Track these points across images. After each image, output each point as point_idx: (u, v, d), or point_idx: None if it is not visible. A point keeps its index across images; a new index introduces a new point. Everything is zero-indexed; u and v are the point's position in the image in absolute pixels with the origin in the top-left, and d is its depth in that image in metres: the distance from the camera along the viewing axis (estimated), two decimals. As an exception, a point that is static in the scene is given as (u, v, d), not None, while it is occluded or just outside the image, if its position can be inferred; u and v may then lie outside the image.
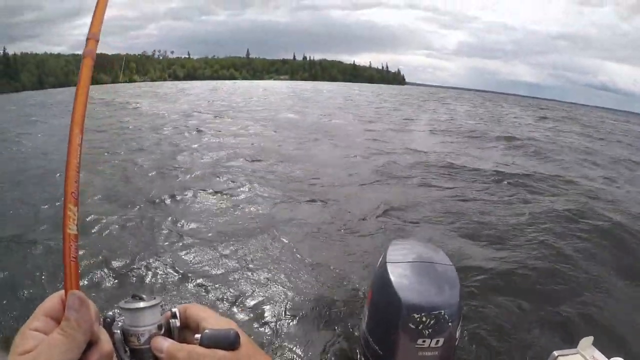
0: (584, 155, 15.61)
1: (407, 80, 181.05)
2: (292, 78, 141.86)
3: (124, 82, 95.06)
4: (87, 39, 0.78)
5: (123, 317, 0.72)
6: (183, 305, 0.77)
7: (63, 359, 0.54)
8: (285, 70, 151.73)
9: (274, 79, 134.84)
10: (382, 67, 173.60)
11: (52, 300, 0.61)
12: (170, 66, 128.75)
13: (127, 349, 0.71)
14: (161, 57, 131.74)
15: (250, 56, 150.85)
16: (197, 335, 0.68)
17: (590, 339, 2.15)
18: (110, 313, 0.71)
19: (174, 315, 0.75)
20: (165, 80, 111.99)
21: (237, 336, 0.67)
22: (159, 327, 0.72)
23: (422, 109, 33.96)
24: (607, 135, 25.33)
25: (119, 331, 0.70)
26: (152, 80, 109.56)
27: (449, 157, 12.90)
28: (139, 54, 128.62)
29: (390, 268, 2.05)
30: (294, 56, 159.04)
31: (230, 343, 0.67)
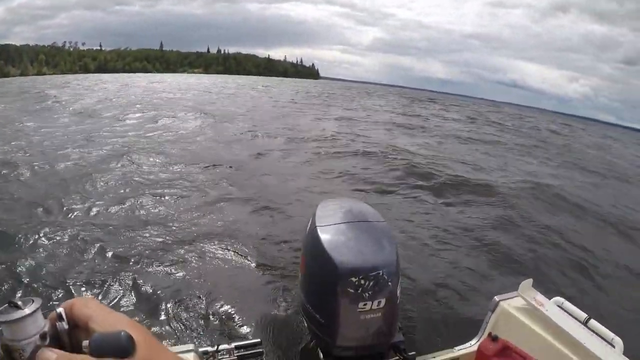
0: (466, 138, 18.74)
1: (322, 75, 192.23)
2: (206, 72, 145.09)
3: (33, 75, 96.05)
4: None
5: (1, 330, 0.63)
6: (68, 302, 0.68)
7: None
8: (199, 63, 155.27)
9: (188, 72, 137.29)
10: (297, 62, 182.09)
11: None
12: (81, 58, 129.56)
13: None
14: (72, 49, 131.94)
15: (164, 49, 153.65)
16: (85, 342, 0.59)
17: (530, 281, 2.17)
18: None
19: (59, 317, 0.66)
20: (76, 72, 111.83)
21: (129, 339, 0.58)
22: (43, 337, 0.64)
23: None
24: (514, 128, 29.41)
25: None
26: (62, 72, 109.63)
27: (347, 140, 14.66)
28: (48, 45, 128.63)
29: (320, 231, 1.94)
30: (208, 49, 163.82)
31: (122, 349, 0.58)
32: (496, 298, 2.29)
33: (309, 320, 2.08)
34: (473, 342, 2.34)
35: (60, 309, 0.67)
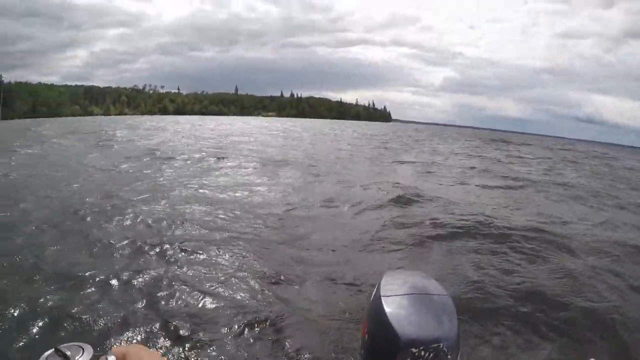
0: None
1: (393, 117, 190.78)
2: (279, 115, 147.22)
3: (114, 115, 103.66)
4: None
5: None
6: (121, 349, 0.68)
7: None
8: (273, 106, 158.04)
9: (262, 116, 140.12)
10: (369, 104, 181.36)
11: None
12: (160, 100, 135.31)
13: None
14: (151, 91, 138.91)
15: (239, 92, 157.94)
16: None
17: None
18: None
19: None
20: (155, 114, 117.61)
21: None
22: None
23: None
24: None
25: None
26: (142, 113, 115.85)
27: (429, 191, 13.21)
28: (129, 87, 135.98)
29: (384, 301, 1.84)
30: (282, 93, 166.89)
31: None
32: None
33: None
34: None
35: (111, 356, 0.67)
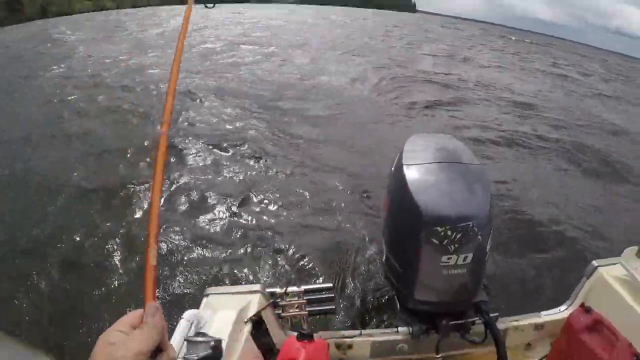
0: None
1: (418, 8, 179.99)
2: (300, 2, 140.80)
3: (129, 8, 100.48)
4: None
5: None
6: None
7: (138, 348, 0.71)
8: None
9: (281, 3, 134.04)
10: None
11: (134, 314, 0.78)
12: None
13: None
14: None
15: None
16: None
17: (635, 249, 2.00)
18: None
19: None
20: (173, 4, 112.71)
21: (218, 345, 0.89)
22: None
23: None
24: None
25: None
26: (162, 3, 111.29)
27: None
28: None
29: (407, 171, 1.76)
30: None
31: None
32: (594, 263, 2.14)
33: (388, 269, 1.97)
34: (562, 308, 2.23)
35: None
